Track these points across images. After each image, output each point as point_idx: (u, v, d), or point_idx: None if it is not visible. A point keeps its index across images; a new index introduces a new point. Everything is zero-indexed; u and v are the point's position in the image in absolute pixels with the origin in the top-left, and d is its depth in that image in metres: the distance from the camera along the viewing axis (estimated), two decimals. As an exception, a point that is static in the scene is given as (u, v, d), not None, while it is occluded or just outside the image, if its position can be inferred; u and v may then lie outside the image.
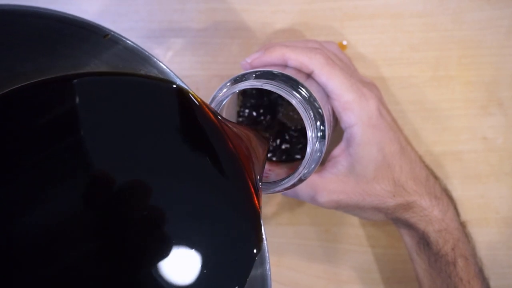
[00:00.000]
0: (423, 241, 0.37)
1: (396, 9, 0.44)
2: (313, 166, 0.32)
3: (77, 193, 0.24)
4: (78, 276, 0.24)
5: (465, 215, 0.42)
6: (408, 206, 0.36)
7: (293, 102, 0.30)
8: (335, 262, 0.45)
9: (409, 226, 0.37)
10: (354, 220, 0.45)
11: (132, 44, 0.24)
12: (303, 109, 0.31)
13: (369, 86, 0.37)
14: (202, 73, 0.45)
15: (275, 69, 0.32)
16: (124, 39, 0.24)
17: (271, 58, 0.35)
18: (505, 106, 0.44)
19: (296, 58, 0.34)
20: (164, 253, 0.25)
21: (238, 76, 0.32)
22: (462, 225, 0.38)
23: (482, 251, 0.41)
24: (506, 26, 0.44)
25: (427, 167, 0.39)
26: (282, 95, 0.31)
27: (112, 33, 0.24)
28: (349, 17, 0.44)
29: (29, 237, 0.24)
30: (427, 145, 0.44)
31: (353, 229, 0.45)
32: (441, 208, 0.37)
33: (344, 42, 0.44)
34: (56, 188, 0.24)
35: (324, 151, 0.32)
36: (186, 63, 0.45)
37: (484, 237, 0.41)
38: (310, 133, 0.31)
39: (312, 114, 0.31)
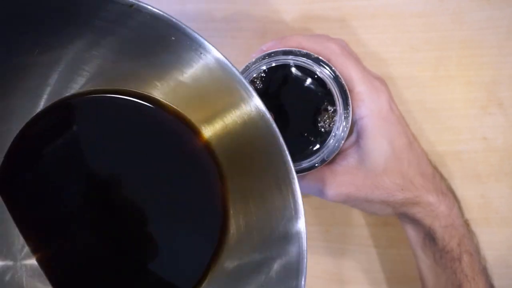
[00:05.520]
0: (429, 237, 0.37)
1: (396, 9, 0.44)
2: (336, 145, 0.32)
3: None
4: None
5: (465, 215, 0.42)
6: (415, 201, 0.36)
7: (325, 78, 0.32)
8: (335, 262, 0.45)
9: (415, 222, 0.37)
10: (354, 220, 0.45)
11: (159, 12, 0.26)
12: (332, 86, 0.32)
13: (379, 80, 0.37)
14: (202, 73, 0.45)
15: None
16: (150, 7, 0.26)
17: (287, 46, 0.35)
18: (505, 106, 0.44)
19: (313, 47, 0.35)
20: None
21: (266, 54, 0.33)
22: (466, 223, 0.38)
23: (482, 251, 0.41)
24: (506, 26, 0.44)
25: (432, 165, 0.39)
26: (314, 71, 0.32)
27: (137, 3, 0.25)
28: (349, 17, 0.44)
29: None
30: (427, 145, 0.44)
31: (353, 229, 0.45)
32: (447, 204, 0.37)
33: (344, 42, 0.44)
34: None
35: (347, 132, 0.32)
36: (186, 63, 0.45)
37: (484, 237, 0.41)
38: (339, 110, 0.32)
39: (340, 92, 0.32)
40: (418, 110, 0.44)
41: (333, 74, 0.32)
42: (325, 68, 0.32)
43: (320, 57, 0.32)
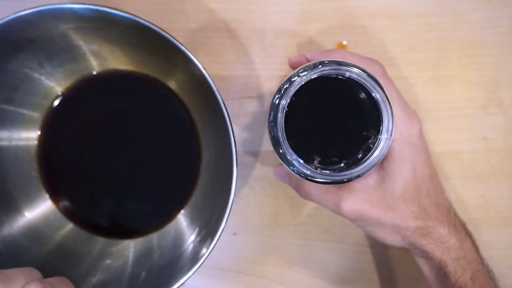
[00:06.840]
0: (441, 271, 0.36)
1: (396, 9, 0.44)
2: (374, 161, 0.32)
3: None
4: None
5: (465, 215, 0.42)
6: (426, 231, 0.36)
7: (377, 95, 0.32)
8: (335, 262, 0.45)
9: (426, 255, 0.37)
10: (354, 220, 0.45)
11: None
12: (383, 104, 0.32)
13: (413, 109, 0.37)
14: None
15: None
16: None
17: (332, 58, 0.35)
18: (505, 106, 0.44)
19: (358, 63, 0.34)
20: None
21: (314, 63, 0.32)
22: (482, 260, 0.37)
23: (482, 251, 0.41)
24: (506, 26, 0.44)
25: (448, 200, 0.38)
26: (365, 85, 0.32)
27: None
28: (349, 17, 0.44)
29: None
30: (427, 145, 0.44)
31: (353, 229, 0.45)
32: (458, 237, 0.36)
33: (344, 42, 0.44)
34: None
35: (386, 151, 0.32)
36: (186, 63, 0.45)
37: (484, 237, 0.41)
38: (385, 128, 0.32)
39: (387, 111, 0.32)
40: (418, 110, 0.44)
41: (383, 92, 0.32)
42: (376, 85, 0.32)
43: (372, 74, 0.32)
